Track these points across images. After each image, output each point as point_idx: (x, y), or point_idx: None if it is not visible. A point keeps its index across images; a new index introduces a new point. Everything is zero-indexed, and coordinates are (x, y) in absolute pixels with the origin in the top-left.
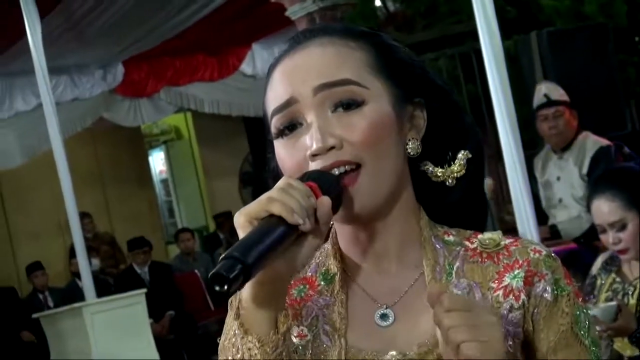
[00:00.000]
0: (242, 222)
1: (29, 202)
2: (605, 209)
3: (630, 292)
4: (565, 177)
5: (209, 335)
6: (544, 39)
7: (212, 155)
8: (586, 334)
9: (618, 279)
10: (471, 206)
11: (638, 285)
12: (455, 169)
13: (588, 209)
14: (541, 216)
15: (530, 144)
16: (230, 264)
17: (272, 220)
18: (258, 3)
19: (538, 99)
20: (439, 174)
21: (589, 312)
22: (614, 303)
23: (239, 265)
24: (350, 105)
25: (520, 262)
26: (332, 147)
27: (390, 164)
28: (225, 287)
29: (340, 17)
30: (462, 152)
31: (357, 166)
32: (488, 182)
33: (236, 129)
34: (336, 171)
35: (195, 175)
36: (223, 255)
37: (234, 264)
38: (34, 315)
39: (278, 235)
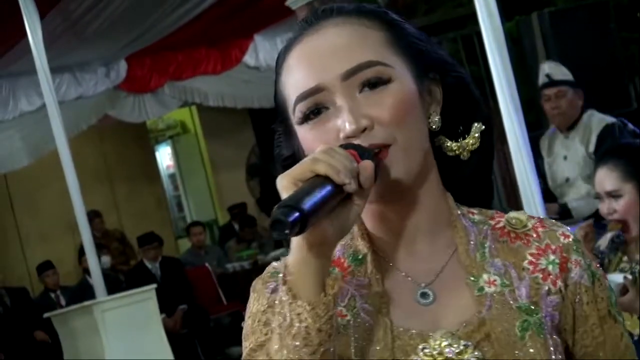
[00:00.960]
0: (286, 184)
1: (37, 202)
2: (604, 178)
3: (637, 271)
4: (572, 156)
5: (222, 328)
6: (546, 19)
7: (219, 148)
8: (619, 313)
9: (625, 258)
10: (481, 182)
11: None
12: (470, 141)
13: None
14: (548, 196)
15: (536, 125)
16: (287, 211)
17: (318, 180)
18: None
19: (541, 79)
20: (454, 148)
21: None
22: (619, 277)
23: (296, 212)
24: (376, 84)
25: (553, 247)
26: (365, 129)
27: (418, 139)
28: (286, 231)
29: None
30: (476, 124)
31: (388, 146)
32: None
33: (242, 121)
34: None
35: (203, 169)
36: (277, 205)
37: (291, 210)
38: (45, 315)
39: (327, 192)
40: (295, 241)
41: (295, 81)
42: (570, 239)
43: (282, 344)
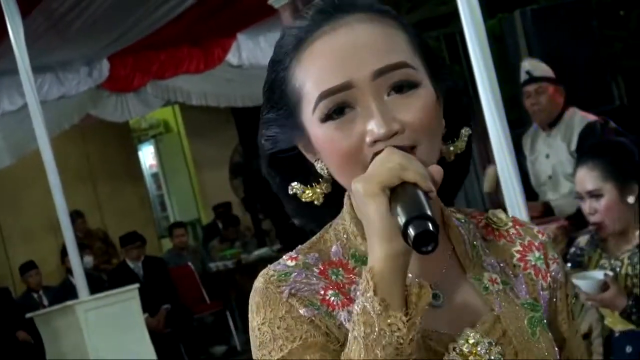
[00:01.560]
0: (376, 191)
1: (20, 202)
2: (585, 177)
3: (618, 267)
4: (554, 154)
5: (206, 327)
6: (528, 17)
7: (202, 147)
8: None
9: (605, 254)
10: (459, 183)
11: (625, 260)
12: (459, 145)
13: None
14: (531, 194)
15: (518, 123)
16: (429, 223)
17: (412, 188)
18: None
19: (522, 76)
20: (444, 151)
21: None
22: (600, 274)
23: (433, 224)
24: (405, 87)
25: (536, 244)
26: (396, 133)
27: (438, 142)
28: (432, 245)
29: None
30: (465, 128)
31: (412, 148)
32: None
33: (225, 120)
34: None
35: (186, 168)
36: (412, 216)
37: (430, 222)
38: (28, 315)
39: (425, 200)
40: (383, 250)
41: (319, 75)
42: (546, 237)
43: (368, 354)
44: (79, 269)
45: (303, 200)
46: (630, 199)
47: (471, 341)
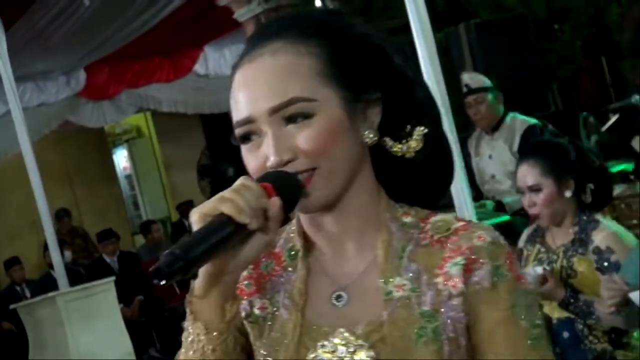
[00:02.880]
0: (196, 219)
1: (3, 202)
2: (526, 173)
3: (555, 260)
4: (497, 155)
5: (177, 316)
6: (472, 31)
7: (172, 150)
8: (526, 316)
9: (543, 249)
10: (429, 180)
11: (561, 254)
12: (413, 144)
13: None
14: (477, 191)
15: (464, 127)
16: (171, 260)
17: (222, 219)
18: (208, 8)
19: (463, 88)
20: (397, 149)
21: (533, 294)
22: (539, 269)
23: (180, 262)
24: (297, 118)
25: (464, 248)
26: (288, 160)
27: (343, 162)
28: (163, 281)
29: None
30: (419, 127)
31: (313, 169)
32: None
33: (193, 125)
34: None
35: (157, 170)
36: (166, 252)
37: (175, 260)
38: (12, 306)
39: (225, 234)
40: (200, 269)
41: (235, 105)
42: (487, 241)
43: (187, 354)
44: (60, 263)
45: None
46: (567, 193)
47: (337, 341)
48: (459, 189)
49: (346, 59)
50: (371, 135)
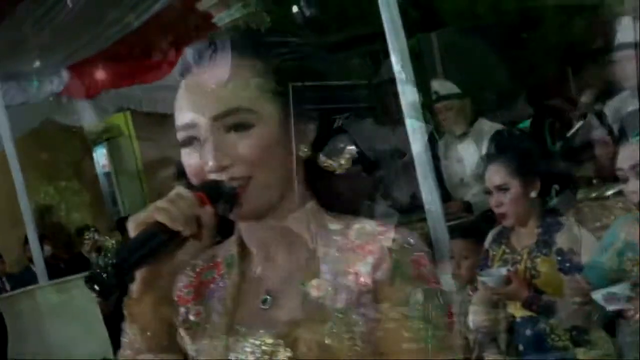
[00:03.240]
0: (133, 227)
1: None
2: (494, 173)
3: (519, 261)
4: (466, 158)
5: None
6: (443, 38)
7: (150, 149)
8: (425, 314)
9: (508, 250)
10: (358, 193)
11: (525, 255)
12: (343, 162)
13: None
14: (446, 193)
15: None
16: (104, 268)
17: (156, 227)
18: (188, 12)
19: (433, 95)
20: (328, 165)
21: (440, 293)
22: (503, 270)
23: (113, 270)
24: (238, 128)
25: (375, 250)
26: (226, 166)
27: (278, 173)
28: (97, 288)
29: (262, 22)
30: (349, 147)
31: (249, 178)
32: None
33: (172, 125)
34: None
35: (136, 168)
36: (103, 259)
37: (109, 268)
38: None
39: (159, 241)
40: (137, 273)
41: (178, 110)
42: (397, 243)
43: (123, 356)
44: (39, 258)
45: None
46: (533, 194)
47: (258, 342)
48: (429, 191)
49: (287, 78)
50: (305, 150)
